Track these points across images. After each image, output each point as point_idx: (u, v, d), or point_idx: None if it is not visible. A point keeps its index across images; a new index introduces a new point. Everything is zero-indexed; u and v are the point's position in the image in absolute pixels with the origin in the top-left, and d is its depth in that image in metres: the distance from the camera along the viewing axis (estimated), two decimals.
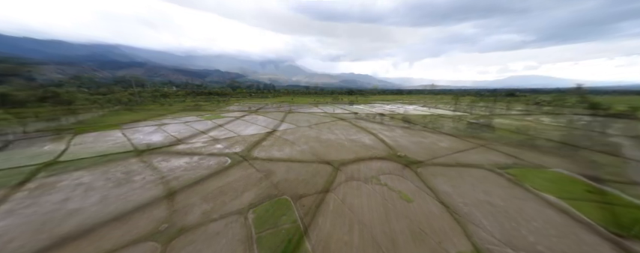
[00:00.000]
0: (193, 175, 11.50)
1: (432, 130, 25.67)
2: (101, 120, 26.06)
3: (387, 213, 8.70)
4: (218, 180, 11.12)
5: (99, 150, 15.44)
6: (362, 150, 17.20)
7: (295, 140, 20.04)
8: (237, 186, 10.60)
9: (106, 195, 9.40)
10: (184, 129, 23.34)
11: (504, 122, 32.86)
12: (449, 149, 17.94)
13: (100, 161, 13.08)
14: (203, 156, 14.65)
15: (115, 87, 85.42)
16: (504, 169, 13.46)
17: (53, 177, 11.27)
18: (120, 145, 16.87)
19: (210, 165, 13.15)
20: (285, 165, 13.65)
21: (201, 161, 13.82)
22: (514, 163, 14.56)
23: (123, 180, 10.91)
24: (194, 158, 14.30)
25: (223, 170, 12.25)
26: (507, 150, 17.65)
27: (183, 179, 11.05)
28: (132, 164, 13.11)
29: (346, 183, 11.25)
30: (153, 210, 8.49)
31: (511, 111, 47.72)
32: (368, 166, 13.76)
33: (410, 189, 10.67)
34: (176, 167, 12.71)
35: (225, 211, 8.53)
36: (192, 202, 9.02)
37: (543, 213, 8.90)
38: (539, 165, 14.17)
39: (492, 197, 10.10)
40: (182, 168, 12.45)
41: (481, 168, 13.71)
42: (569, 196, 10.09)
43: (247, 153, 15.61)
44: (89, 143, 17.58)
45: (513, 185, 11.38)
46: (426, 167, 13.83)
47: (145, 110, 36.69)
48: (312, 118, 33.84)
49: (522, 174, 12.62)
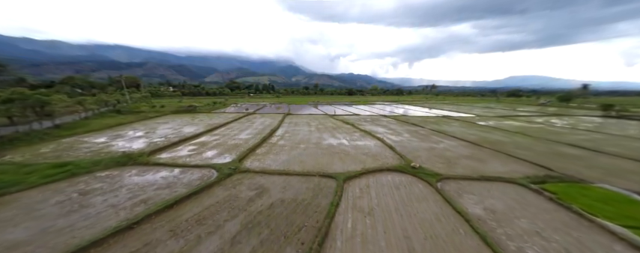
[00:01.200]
0: (168, 196, 9.40)
1: (442, 134, 23.66)
2: (82, 123, 23.96)
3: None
4: (197, 203, 9.04)
5: (65, 160, 13.31)
6: (369, 159, 15.16)
7: (294, 146, 17.99)
8: (219, 211, 8.52)
9: (44, 228, 7.29)
10: (172, 134, 21.26)
11: (515, 124, 30.88)
12: (466, 157, 15.91)
13: (60, 176, 10.98)
14: (185, 169, 12.54)
15: (109, 87, 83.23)
16: (539, 184, 11.44)
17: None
18: (93, 154, 14.77)
19: (191, 180, 11.06)
20: (282, 179, 11.59)
21: (181, 175, 11.72)
22: (547, 176, 12.52)
23: (77, 204, 8.78)
24: (174, 171, 12.21)
25: (206, 188, 10.17)
26: (531, 158, 15.63)
27: (154, 201, 8.95)
28: (98, 180, 11.01)
29: (355, 205, 9.20)
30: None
31: (519, 113, 45.80)
32: (378, 181, 11.70)
33: (434, 214, 8.61)
34: (150, 183, 10.62)
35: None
36: (157, 238, 6.94)
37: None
38: (579, 179, 12.14)
39: (540, 225, 8.05)
40: (156, 186, 10.35)
41: (512, 182, 11.67)
42: (636, 223, 8.05)
43: (238, 163, 13.54)
44: (57, 151, 15.47)
45: (559, 207, 9.33)
46: (446, 181, 11.79)
47: (134, 112, 34.59)
48: (312, 121, 31.79)
49: (563, 191, 10.58)
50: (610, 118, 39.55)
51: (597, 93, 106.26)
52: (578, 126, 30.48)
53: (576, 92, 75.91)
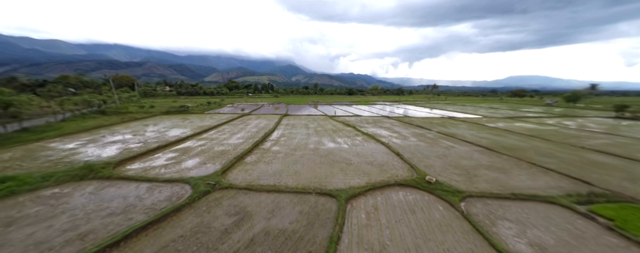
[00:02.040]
0: (118, 227, 7.25)
1: (451, 138, 21.53)
2: (57, 126, 21.78)
3: None
4: (154, 238, 6.87)
5: (9, 173, 11.08)
6: (374, 169, 13.03)
7: (289, 153, 15.86)
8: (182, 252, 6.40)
9: None
10: (153, 138, 19.09)
11: (527, 126, 28.76)
12: (485, 166, 13.79)
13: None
14: (154, 185, 10.37)
15: (104, 86, 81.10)
16: (585, 204, 9.34)
17: None
18: (50, 164, 12.59)
19: (156, 202, 8.90)
20: (270, 198, 9.46)
21: (146, 194, 9.55)
22: (591, 193, 10.40)
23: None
24: (139, 188, 10.04)
25: (172, 214, 8.02)
26: (561, 168, 13.53)
27: (96, 237, 6.80)
28: (39, 201, 8.85)
29: (361, 239, 7.08)
30: None
31: (526, 114, 43.68)
32: (388, 200, 9.58)
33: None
34: (101, 207, 8.45)
35: None
36: None
37: None
38: (630, 197, 10.02)
39: None
40: (109, 210, 8.19)
41: (552, 202, 9.54)
42: None
43: (220, 176, 11.40)
44: (10, 160, 13.27)
45: (628, 243, 7.22)
46: (471, 201, 9.68)
47: (120, 113, 32.41)
48: (311, 122, 29.64)
49: (620, 216, 8.46)
50: (623, 119, 37.44)
51: (598, 93, 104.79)
52: (595, 128, 28.41)
53: (583, 92, 73.71)
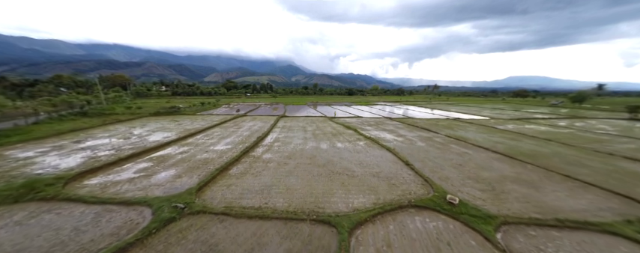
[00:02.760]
0: None
1: (462, 142, 19.43)
2: (25, 130, 19.60)
3: None
4: None
5: None
6: (382, 183, 10.94)
7: (282, 162, 13.75)
8: None
9: None
10: (129, 144, 16.95)
11: (540, 129, 26.69)
12: (512, 180, 11.70)
13: None
14: (106, 209, 8.18)
15: (96, 86, 79.15)
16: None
17: None
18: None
19: (98, 237, 6.68)
20: (252, 229, 7.36)
21: (89, 225, 7.30)
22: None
23: None
24: (85, 214, 7.86)
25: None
26: (599, 181, 11.46)
27: None
28: None
29: None
30: None
31: (534, 115, 41.67)
32: (404, 230, 7.47)
33: None
34: (20, 248, 6.27)
35: None
36: None
37: None
38: None
39: None
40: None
41: (613, 233, 7.46)
42: None
43: (195, 194, 9.28)
44: None
45: None
46: (509, 230, 7.59)
47: (104, 115, 30.20)
48: (309, 124, 27.54)
49: None
50: (638, 121, 35.49)
51: (601, 94, 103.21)
52: (611, 130, 26.40)
53: (589, 92, 71.74)
